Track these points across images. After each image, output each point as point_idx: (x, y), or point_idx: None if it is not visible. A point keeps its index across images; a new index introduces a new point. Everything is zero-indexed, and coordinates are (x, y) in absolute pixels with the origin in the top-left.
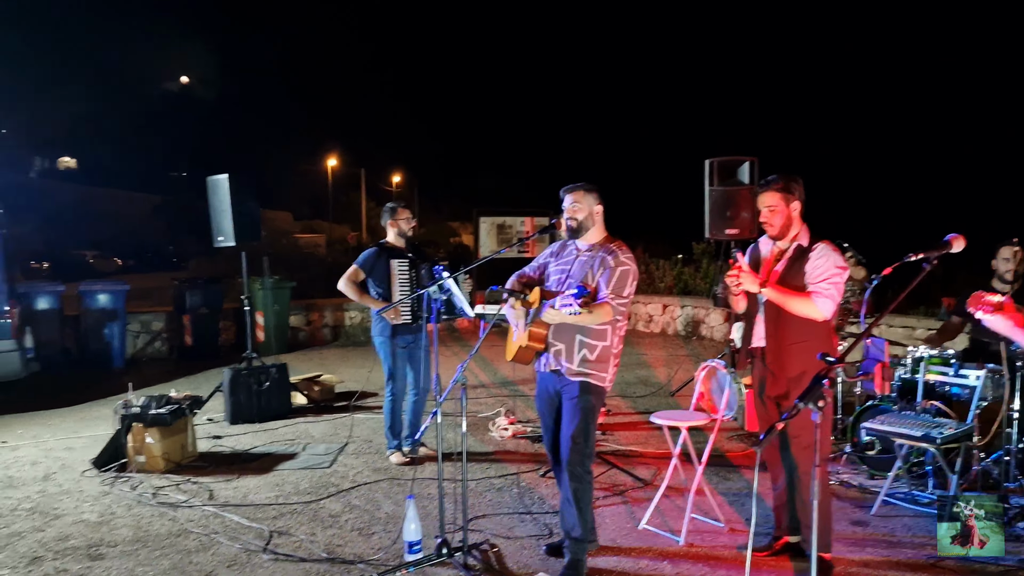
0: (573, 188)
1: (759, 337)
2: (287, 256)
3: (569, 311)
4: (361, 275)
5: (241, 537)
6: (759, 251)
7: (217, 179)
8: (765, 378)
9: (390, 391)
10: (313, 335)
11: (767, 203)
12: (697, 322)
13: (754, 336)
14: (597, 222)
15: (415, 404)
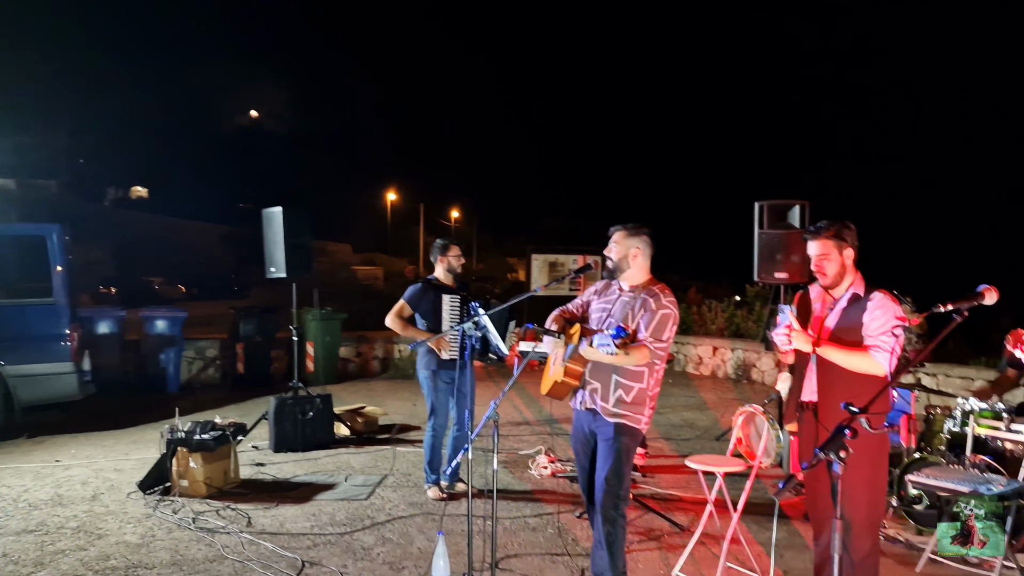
0: (616, 228)
1: (810, 391)
2: (345, 288)
3: (606, 351)
4: (408, 311)
5: (274, 565)
6: (809, 298)
7: (272, 212)
8: (817, 434)
9: (431, 426)
10: (363, 367)
11: (818, 251)
12: (748, 365)
13: (804, 390)
14: (636, 265)
15: (456, 440)
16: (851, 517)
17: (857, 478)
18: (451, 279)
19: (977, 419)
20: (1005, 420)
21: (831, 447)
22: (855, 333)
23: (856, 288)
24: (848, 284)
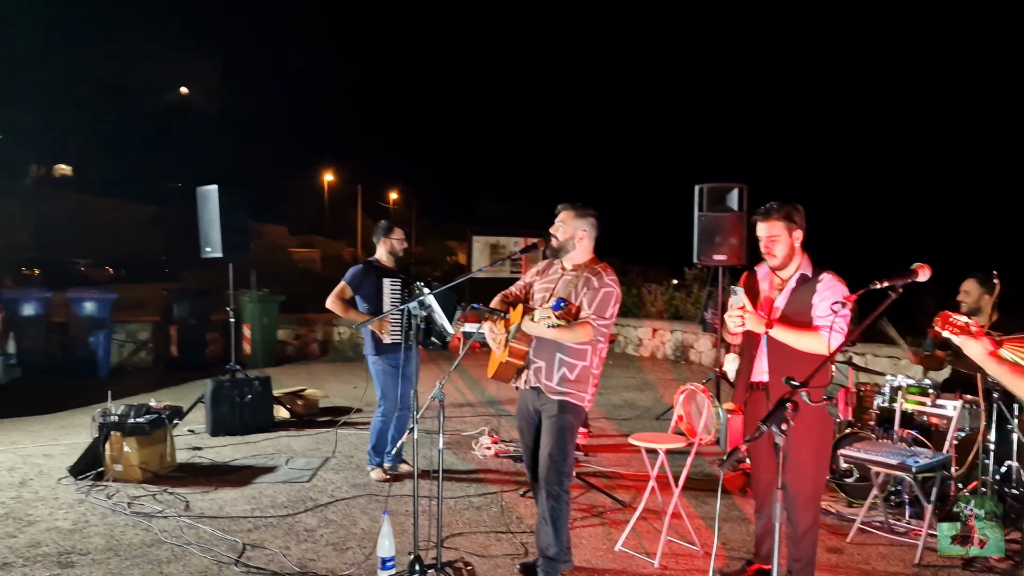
0: (564, 207)
1: (760, 372)
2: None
3: (547, 323)
4: (349, 292)
5: (214, 549)
6: (756, 280)
7: (206, 190)
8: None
9: (381, 411)
10: (302, 349)
11: (768, 232)
12: (686, 347)
13: (755, 370)
14: (581, 245)
15: (399, 420)
16: (797, 491)
17: (804, 454)
18: (393, 262)
19: (905, 395)
20: (931, 396)
21: (773, 420)
22: (804, 314)
23: (804, 269)
24: (796, 266)
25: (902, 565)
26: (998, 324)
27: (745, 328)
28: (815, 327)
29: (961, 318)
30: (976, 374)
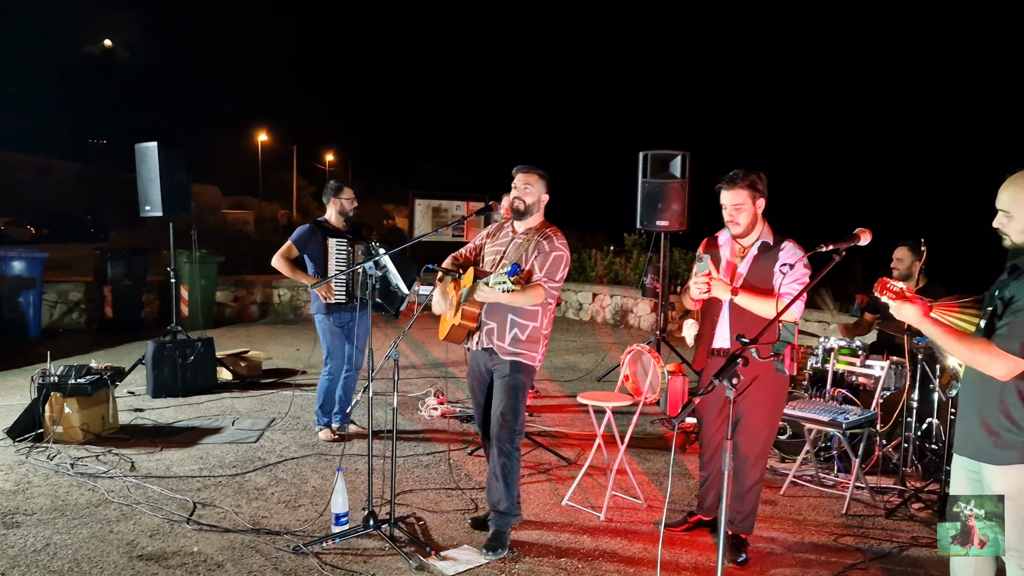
0: (529, 170)
1: (723, 338)
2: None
3: (502, 287)
4: (295, 252)
5: (164, 508)
6: (717, 246)
7: (146, 147)
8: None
9: (328, 370)
10: (241, 311)
11: (733, 200)
12: (626, 311)
13: (716, 337)
14: (540, 210)
15: (347, 381)
16: (748, 451)
17: (759, 417)
18: (343, 222)
19: (836, 356)
20: (860, 357)
21: (724, 374)
22: (766, 281)
23: (765, 237)
24: (758, 234)
25: (830, 515)
26: (924, 289)
27: (711, 295)
28: (779, 295)
29: (897, 284)
30: (902, 337)
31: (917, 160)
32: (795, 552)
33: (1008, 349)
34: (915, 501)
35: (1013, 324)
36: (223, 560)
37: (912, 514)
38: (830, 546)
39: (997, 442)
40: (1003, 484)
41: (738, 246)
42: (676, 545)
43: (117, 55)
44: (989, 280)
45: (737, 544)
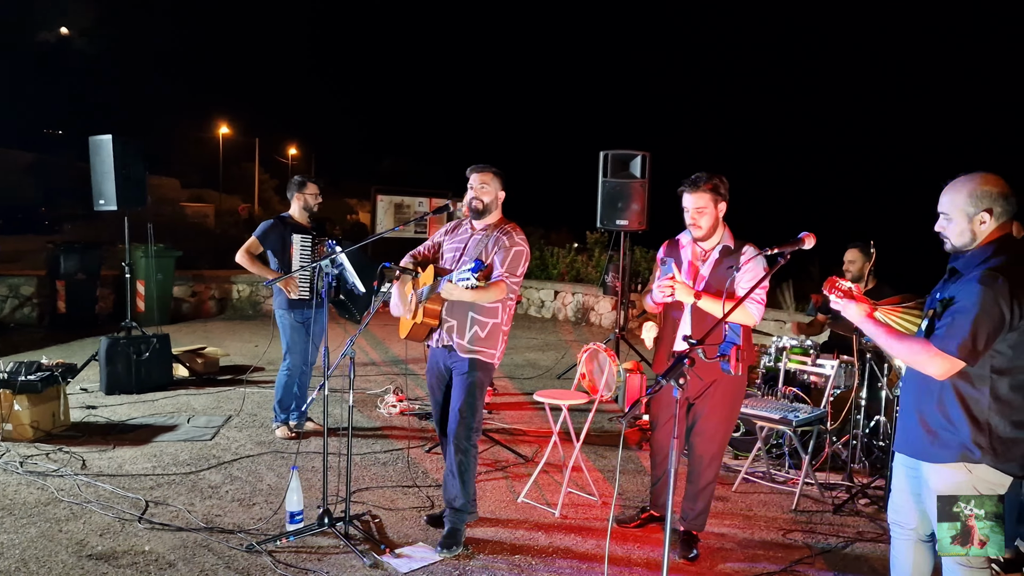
0: (484, 169)
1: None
2: (172, 225)
3: (466, 284)
4: (259, 247)
5: (115, 506)
6: (678, 249)
7: (100, 139)
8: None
9: (286, 365)
10: (198, 307)
11: (696, 204)
12: (587, 309)
13: (678, 340)
14: (498, 207)
15: (303, 378)
16: (703, 452)
17: (716, 420)
18: (306, 218)
19: (788, 355)
20: (811, 356)
21: (672, 375)
22: (729, 285)
23: (726, 241)
24: (719, 237)
25: (780, 511)
26: (874, 290)
27: (675, 298)
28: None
29: (846, 283)
30: (852, 336)
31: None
32: (745, 547)
33: (945, 349)
34: (862, 497)
35: (950, 325)
36: (175, 559)
37: (859, 509)
38: (778, 541)
39: (935, 440)
40: (939, 481)
41: (699, 249)
42: (629, 541)
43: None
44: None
45: (689, 540)
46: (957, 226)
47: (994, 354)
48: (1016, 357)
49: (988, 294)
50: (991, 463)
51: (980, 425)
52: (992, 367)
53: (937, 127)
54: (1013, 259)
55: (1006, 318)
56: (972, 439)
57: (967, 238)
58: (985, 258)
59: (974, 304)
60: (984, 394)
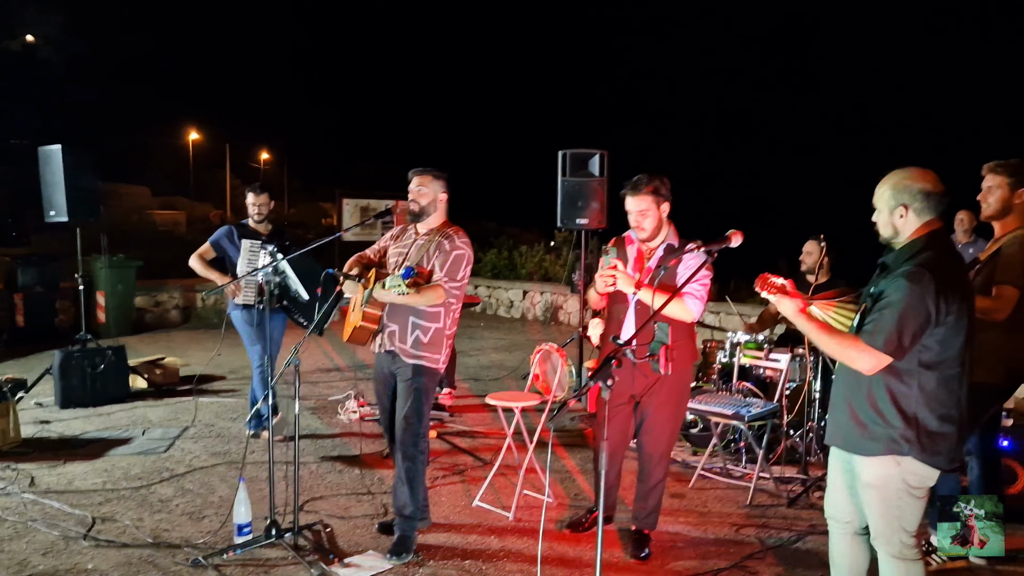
0: (423, 171)
1: (628, 335)
2: (142, 233)
3: (397, 291)
4: (212, 253)
5: (61, 524)
6: (625, 247)
7: (49, 150)
8: (633, 376)
9: (257, 358)
10: (161, 317)
11: (639, 207)
12: (556, 308)
13: (623, 334)
14: (440, 208)
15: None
16: (652, 450)
17: (663, 417)
18: (261, 224)
19: (743, 350)
20: (765, 351)
21: (600, 376)
22: (672, 279)
23: (671, 239)
24: (664, 236)
25: (735, 506)
26: (828, 283)
27: (616, 288)
28: (680, 294)
29: (778, 279)
30: None
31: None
32: (697, 545)
33: (872, 344)
34: (816, 490)
35: (877, 320)
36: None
37: (813, 502)
38: (731, 537)
39: (864, 433)
40: (871, 474)
41: (645, 248)
42: (582, 542)
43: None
44: None
45: (640, 540)
46: (882, 218)
47: (922, 349)
48: (943, 352)
49: (915, 290)
50: (918, 456)
51: (908, 419)
52: (920, 362)
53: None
54: (940, 255)
55: (932, 314)
56: (900, 433)
57: (890, 231)
58: (913, 254)
59: (900, 300)
60: (912, 388)
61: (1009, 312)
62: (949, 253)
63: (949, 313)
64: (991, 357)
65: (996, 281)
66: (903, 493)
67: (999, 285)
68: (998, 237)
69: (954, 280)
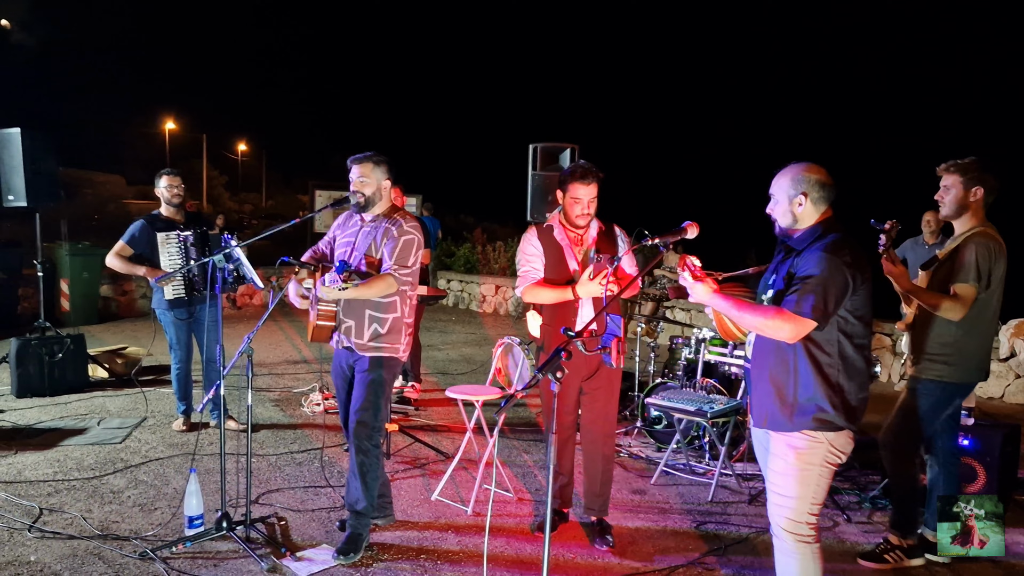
0: (361, 160)
1: (584, 322)
2: (115, 222)
3: (337, 287)
4: (129, 251)
5: (6, 515)
6: (552, 236)
7: (7, 133)
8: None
9: (176, 360)
10: (129, 306)
11: (591, 195)
12: (527, 303)
13: (577, 325)
14: (385, 196)
15: (209, 374)
16: (602, 430)
17: (606, 394)
18: (176, 212)
19: (707, 347)
20: (729, 346)
21: (549, 368)
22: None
23: (595, 223)
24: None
25: (696, 502)
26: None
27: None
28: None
29: (697, 262)
30: None
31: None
32: (656, 540)
33: (800, 312)
34: None
35: (801, 290)
36: (60, 569)
37: None
38: (691, 533)
39: (789, 409)
40: (792, 450)
41: (573, 233)
42: (540, 539)
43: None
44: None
45: (604, 528)
46: (781, 207)
47: (839, 319)
48: (859, 321)
49: (833, 260)
50: (843, 423)
51: (832, 386)
52: (839, 328)
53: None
54: (844, 236)
55: (849, 282)
56: (828, 401)
57: (789, 219)
58: (817, 236)
59: (822, 271)
60: (834, 356)
61: (967, 311)
62: (848, 236)
63: (863, 281)
64: (949, 356)
65: (954, 280)
66: (824, 468)
67: (958, 284)
68: (956, 236)
69: (860, 256)
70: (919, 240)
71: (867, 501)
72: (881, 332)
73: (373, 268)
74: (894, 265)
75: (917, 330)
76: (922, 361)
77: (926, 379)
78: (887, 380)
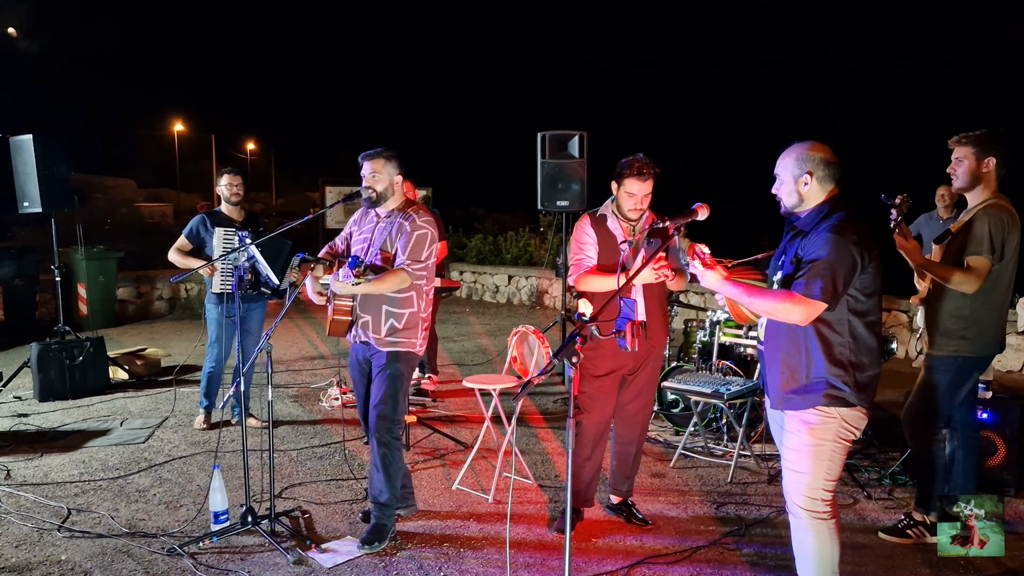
0: (372, 156)
1: (639, 312)
2: (127, 225)
3: (351, 282)
4: (189, 245)
5: (35, 516)
6: (606, 226)
7: (20, 140)
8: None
9: (211, 357)
10: (145, 308)
11: (645, 191)
12: (541, 292)
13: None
14: (397, 191)
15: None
16: (645, 417)
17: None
18: (236, 211)
19: (722, 329)
20: (744, 328)
21: (564, 354)
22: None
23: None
24: None
25: (716, 484)
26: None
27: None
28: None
29: (706, 250)
30: None
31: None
32: (677, 523)
33: (810, 295)
34: None
35: (810, 272)
36: (91, 567)
37: None
38: (711, 515)
39: (803, 387)
40: (802, 427)
41: (627, 226)
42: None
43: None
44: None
45: (633, 507)
46: (786, 187)
47: (849, 297)
48: (868, 299)
49: (841, 241)
50: (855, 400)
51: (844, 365)
52: (850, 308)
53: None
54: (850, 215)
55: (858, 263)
56: (840, 380)
57: (795, 199)
58: (823, 215)
59: (830, 252)
60: (845, 336)
61: (981, 283)
62: (855, 214)
63: (871, 260)
64: (965, 329)
65: (967, 252)
66: (837, 443)
67: (971, 256)
68: (970, 208)
69: (867, 234)
70: (933, 215)
71: (887, 477)
72: (898, 309)
73: (388, 263)
74: (906, 240)
75: (931, 304)
76: (937, 337)
77: (942, 355)
78: (904, 357)
